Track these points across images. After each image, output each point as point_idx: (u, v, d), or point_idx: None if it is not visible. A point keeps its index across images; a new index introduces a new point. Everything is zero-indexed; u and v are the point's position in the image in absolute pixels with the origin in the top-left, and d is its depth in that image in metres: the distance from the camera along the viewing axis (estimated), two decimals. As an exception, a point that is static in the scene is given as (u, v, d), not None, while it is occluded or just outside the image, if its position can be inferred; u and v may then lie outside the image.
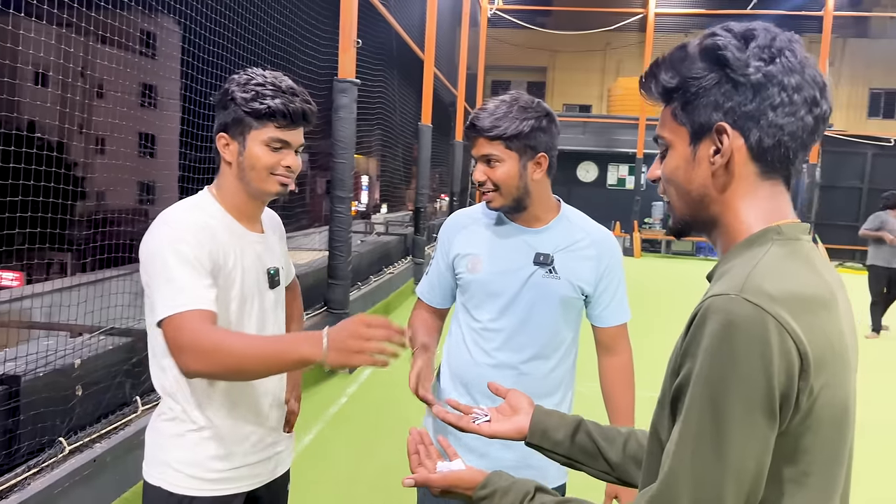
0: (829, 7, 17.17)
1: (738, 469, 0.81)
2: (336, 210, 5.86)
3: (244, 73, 1.60)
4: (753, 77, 0.90)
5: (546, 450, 1.27)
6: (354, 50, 5.84)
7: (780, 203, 0.95)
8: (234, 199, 1.63)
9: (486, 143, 1.74)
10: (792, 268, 0.88)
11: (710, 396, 0.81)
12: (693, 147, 0.96)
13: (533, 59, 25.02)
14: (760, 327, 0.80)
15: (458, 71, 14.77)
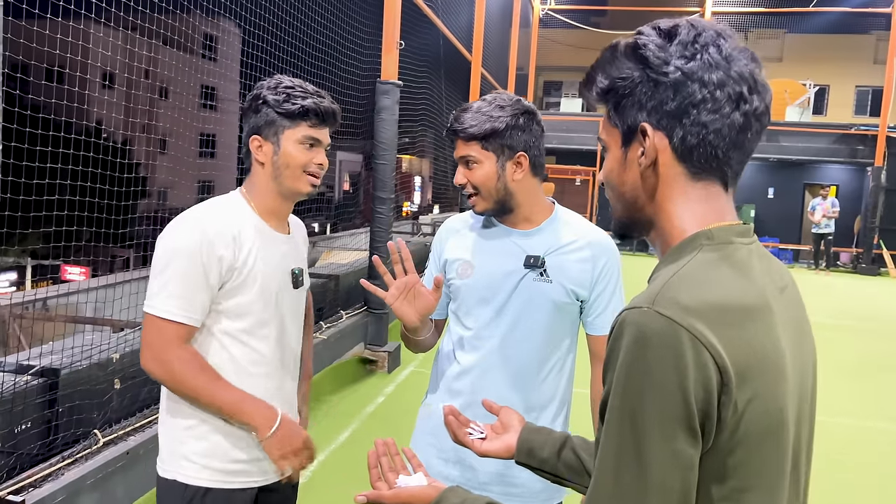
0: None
1: (661, 487, 0.77)
2: (377, 211, 5.91)
3: (272, 79, 1.68)
4: (672, 75, 0.87)
5: (534, 468, 1.26)
6: (397, 52, 5.87)
7: (715, 205, 0.91)
8: (264, 200, 1.70)
9: (463, 144, 1.70)
10: (716, 276, 0.84)
11: (628, 410, 0.78)
12: (624, 149, 0.93)
13: (587, 59, 24.22)
14: (673, 340, 0.76)
15: (507, 72, 14.72)
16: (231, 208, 1.67)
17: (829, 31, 20.12)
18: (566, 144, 17.04)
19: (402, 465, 1.23)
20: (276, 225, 1.72)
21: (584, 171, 17.78)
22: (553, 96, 25.14)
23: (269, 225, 1.70)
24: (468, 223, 1.85)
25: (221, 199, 1.71)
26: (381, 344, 5.96)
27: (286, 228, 1.77)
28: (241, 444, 1.64)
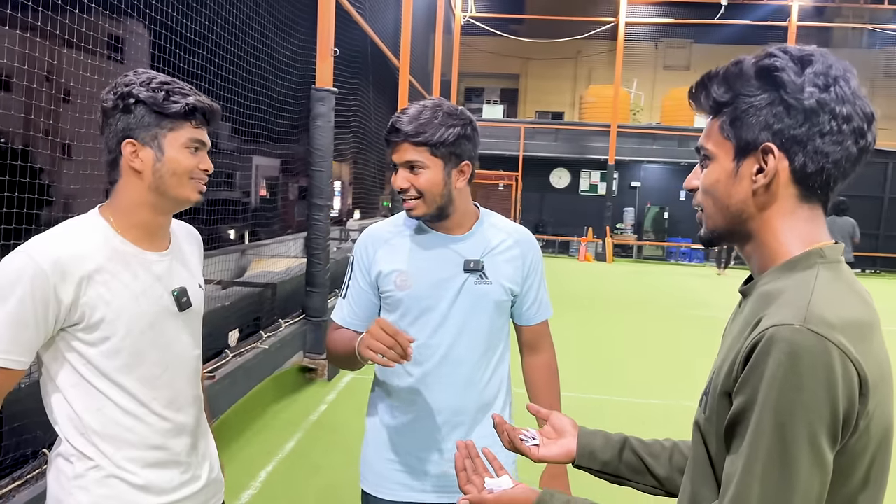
0: (794, 18, 17.63)
1: (805, 491, 0.83)
2: (314, 218, 5.88)
3: (137, 75, 1.45)
4: (807, 102, 0.91)
5: (594, 471, 1.28)
6: (332, 59, 5.86)
7: (817, 226, 0.97)
8: (135, 216, 1.47)
9: (411, 148, 1.67)
10: (842, 294, 0.91)
11: (776, 424, 0.83)
12: (737, 162, 0.97)
13: (506, 66, 25.21)
14: (825, 357, 0.82)
15: (431, 78, 14.85)
16: (84, 233, 1.42)
17: (733, 41, 21.21)
18: (489, 150, 17.33)
19: (484, 468, 1.24)
20: (147, 244, 1.49)
21: (507, 176, 18.12)
22: (475, 102, 25.47)
23: (139, 245, 1.47)
24: (397, 231, 1.83)
25: (73, 221, 1.46)
26: (321, 352, 5.93)
27: (162, 245, 1.53)
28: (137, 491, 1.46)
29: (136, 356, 1.45)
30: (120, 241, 1.45)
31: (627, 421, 5.08)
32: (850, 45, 25.79)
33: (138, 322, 1.44)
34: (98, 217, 1.47)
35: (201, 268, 1.70)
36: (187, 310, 1.54)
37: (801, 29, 18.31)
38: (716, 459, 0.96)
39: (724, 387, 0.92)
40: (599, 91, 20.39)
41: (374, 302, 1.84)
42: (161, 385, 1.49)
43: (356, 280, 1.84)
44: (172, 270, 1.53)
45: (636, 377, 6.49)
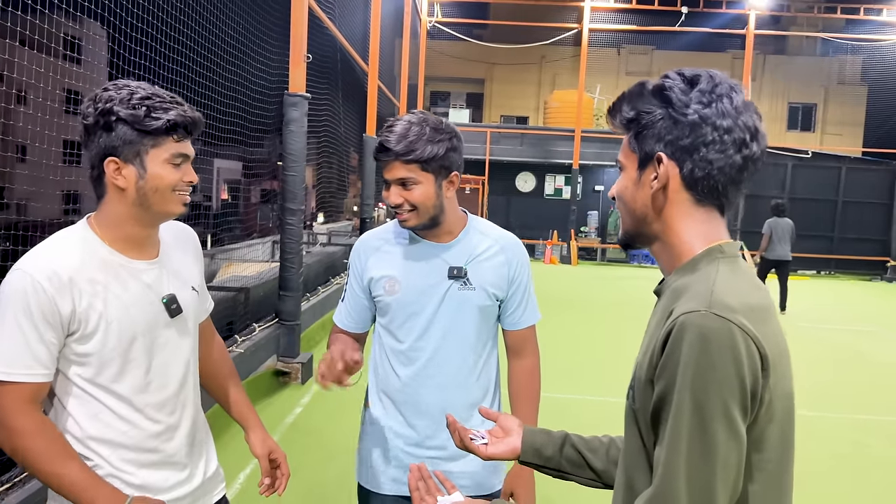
0: (751, 26, 18.11)
1: (724, 462, 0.93)
2: (287, 222, 5.91)
3: (117, 89, 1.44)
4: (691, 117, 1.03)
5: (539, 466, 1.37)
6: (305, 64, 5.91)
7: (715, 226, 1.08)
8: (121, 229, 1.49)
9: (402, 166, 1.73)
10: (740, 283, 1.01)
11: (694, 402, 0.92)
12: (640, 171, 1.10)
13: (471, 71, 25.40)
14: (730, 337, 0.93)
15: (397, 82, 14.92)
16: (72, 246, 1.45)
17: (692, 48, 21.75)
18: (456, 154, 17.40)
19: (437, 488, 1.32)
20: (135, 253, 1.51)
21: (474, 180, 18.26)
22: (440, 106, 25.61)
23: (127, 255, 1.50)
24: (388, 239, 1.90)
25: (62, 234, 1.48)
26: (294, 355, 5.96)
27: (151, 253, 1.55)
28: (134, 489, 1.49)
29: (128, 364, 1.48)
30: (108, 251, 1.48)
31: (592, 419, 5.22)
32: (805, 53, 26.57)
33: (130, 330, 1.47)
34: (87, 229, 1.49)
35: (200, 266, 1.71)
36: (178, 315, 1.57)
37: (758, 37, 18.83)
38: (648, 446, 1.04)
39: (647, 376, 1.01)
40: (563, 96, 20.68)
41: (368, 306, 1.93)
42: (153, 390, 1.53)
43: (352, 285, 1.94)
44: (161, 278, 1.55)
45: (603, 376, 6.65)
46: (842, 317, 11.29)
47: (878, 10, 18.26)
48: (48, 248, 1.44)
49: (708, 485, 0.93)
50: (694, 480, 0.93)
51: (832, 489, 4.32)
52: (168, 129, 1.43)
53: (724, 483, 0.93)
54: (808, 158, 18.05)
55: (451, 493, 1.30)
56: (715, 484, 0.93)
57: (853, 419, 5.72)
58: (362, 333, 1.98)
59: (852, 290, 15.43)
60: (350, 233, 12.83)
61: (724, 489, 0.94)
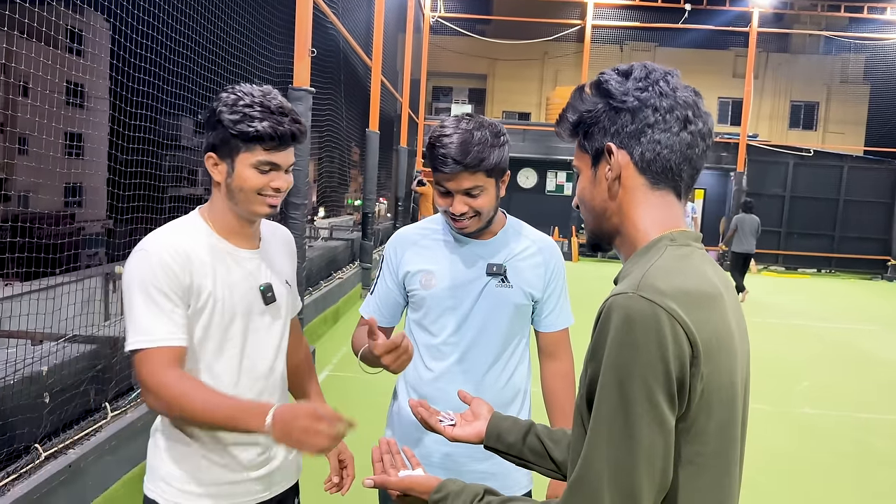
0: (754, 24, 18.08)
1: (648, 449, 0.90)
2: (291, 216, 5.91)
3: (232, 93, 1.56)
4: (631, 103, 1.05)
5: (501, 452, 1.38)
6: (309, 59, 5.90)
7: (671, 212, 1.08)
8: (223, 218, 1.62)
9: (470, 176, 1.70)
10: (682, 268, 1.00)
11: (617, 382, 0.91)
12: (594, 169, 1.11)
13: (474, 66, 25.36)
14: (655, 319, 0.91)
15: (400, 77, 14.90)
16: (187, 230, 1.60)
17: (695, 46, 21.74)
18: (457, 149, 17.40)
19: (403, 464, 1.32)
20: (239, 242, 1.64)
21: (475, 176, 18.24)
22: (442, 102, 25.60)
23: (231, 242, 1.62)
24: (425, 234, 1.90)
25: (178, 221, 1.64)
26: (297, 349, 5.97)
27: (253, 243, 1.68)
28: (220, 466, 1.60)
29: (227, 342, 1.60)
30: (217, 238, 1.62)
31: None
32: (808, 52, 26.55)
33: (231, 310, 1.59)
34: (198, 217, 1.64)
35: (294, 266, 1.82)
36: (272, 304, 1.67)
37: (761, 35, 18.80)
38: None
39: (585, 360, 1.00)
40: (566, 92, 20.57)
41: (400, 301, 1.92)
42: (246, 370, 1.63)
43: (384, 279, 1.93)
44: (260, 268, 1.67)
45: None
46: (843, 315, 11.30)
47: (882, 9, 18.22)
48: (166, 231, 1.58)
49: (629, 470, 0.91)
50: (614, 464, 0.91)
51: (834, 487, 4.33)
52: (255, 137, 1.52)
53: (648, 472, 0.91)
54: (810, 157, 18.04)
55: (415, 468, 1.30)
56: (638, 470, 0.91)
57: (855, 417, 5.73)
58: (389, 329, 1.94)
59: (853, 288, 15.44)
60: (351, 227, 12.83)
61: (649, 478, 0.91)
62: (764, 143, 18.57)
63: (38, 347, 3.55)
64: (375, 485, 1.25)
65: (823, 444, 5.03)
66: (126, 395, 3.65)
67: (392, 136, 15.07)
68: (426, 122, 18.39)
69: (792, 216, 17.91)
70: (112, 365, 3.52)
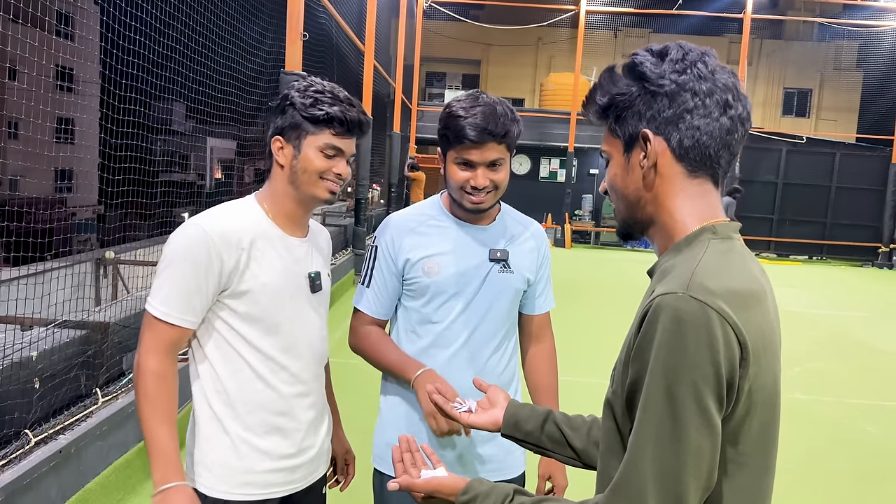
0: (748, 10, 18.01)
1: (695, 452, 0.88)
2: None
3: (304, 80, 1.65)
4: (668, 87, 1.00)
5: (518, 439, 1.37)
6: (301, 42, 5.85)
7: (709, 201, 1.04)
8: (281, 204, 1.65)
9: (496, 147, 1.72)
10: (728, 266, 0.96)
11: (665, 385, 0.89)
12: (626, 155, 1.06)
13: (467, 51, 25.24)
14: (706, 321, 0.88)
15: (393, 62, 14.81)
16: (241, 212, 1.63)
17: (689, 32, 21.63)
18: (451, 135, 17.34)
19: (423, 462, 1.30)
20: (291, 229, 1.67)
21: (469, 162, 18.19)
22: (436, 87, 25.49)
23: (284, 230, 1.66)
24: (421, 220, 1.87)
25: (233, 203, 1.68)
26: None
27: (303, 231, 1.71)
28: (259, 454, 1.62)
29: (274, 326, 1.62)
30: (269, 224, 1.65)
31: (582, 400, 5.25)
32: (802, 38, 26.51)
33: (279, 295, 1.62)
34: (253, 202, 1.67)
35: (329, 261, 1.86)
36: (318, 292, 1.72)
37: (755, 21, 18.74)
38: (623, 429, 1.01)
39: (625, 357, 0.99)
40: (559, 79, 20.59)
41: (398, 288, 1.88)
42: (293, 356, 1.66)
43: (380, 269, 1.87)
44: (309, 256, 1.71)
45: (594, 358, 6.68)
46: (834, 302, 11.36)
47: (876, -4, 18.20)
48: (223, 212, 1.62)
49: (677, 473, 0.89)
50: (662, 467, 0.89)
51: (825, 471, 4.36)
52: (325, 120, 1.58)
53: (695, 474, 0.89)
54: (803, 144, 18.06)
55: (437, 467, 1.28)
56: (685, 473, 0.89)
57: (847, 403, 5.77)
58: (385, 321, 1.92)
59: (844, 275, 15.52)
60: (344, 213, 12.79)
61: (696, 480, 0.89)
62: (757, 130, 18.57)
63: (28, 332, 3.53)
64: (401, 487, 1.24)
65: (814, 430, 5.06)
66: (117, 380, 3.64)
67: (385, 121, 15.01)
68: (419, 108, 18.31)
69: (784, 203, 17.94)
70: (103, 350, 3.50)
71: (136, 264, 5.89)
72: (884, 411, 5.65)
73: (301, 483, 1.71)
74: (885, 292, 13.45)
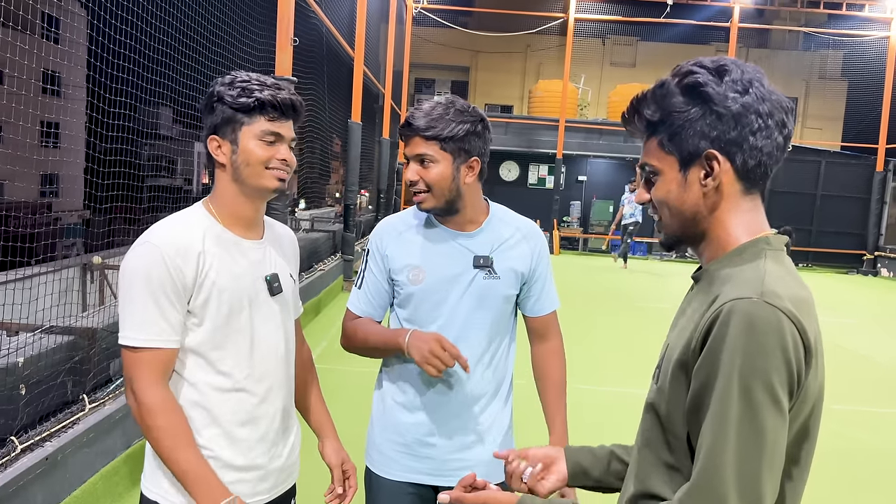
0: (735, 19, 18.19)
1: (772, 450, 0.92)
2: (272, 206, 5.87)
3: (228, 75, 1.58)
4: (734, 108, 1.02)
5: (588, 486, 1.34)
6: (291, 48, 5.85)
7: (759, 214, 1.09)
8: (229, 205, 1.60)
9: (422, 142, 1.74)
10: (788, 274, 1.02)
11: (742, 387, 0.92)
12: (683, 172, 1.07)
13: (456, 58, 25.30)
14: (779, 324, 0.92)
15: (382, 68, 14.82)
16: (190, 222, 1.57)
17: (676, 40, 21.83)
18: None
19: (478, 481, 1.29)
20: (243, 232, 1.61)
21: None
22: (424, 93, 25.53)
23: (235, 233, 1.60)
24: (410, 225, 1.88)
25: (180, 213, 1.61)
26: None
27: (257, 234, 1.65)
28: (222, 465, 1.56)
29: (235, 333, 1.57)
30: (221, 229, 1.59)
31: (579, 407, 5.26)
32: (788, 47, 26.79)
33: (238, 301, 1.57)
34: (201, 209, 1.61)
35: (296, 264, 1.81)
36: (278, 294, 1.65)
37: (741, 30, 18.93)
38: (667, 426, 1.03)
39: (681, 358, 1.00)
40: (548, 86, 20.66)
41: (389, 291, 1.89)
42: (253, 364, 1.60)
43: (371, 271, 1.89)
44: (265, 258, 1.65)
45: (590, 364, 6.70)
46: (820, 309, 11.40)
47: (861, 6, 18.41)
48: (171, 224, 1.55)
49: (757, 474, 0.92)
50: (742, 468, 0.92)
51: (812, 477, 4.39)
52: (257, 106, 1.53)
53: (772, 476, 0.93)
54: (789, 152, 18.01)
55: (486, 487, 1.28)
56: (764, 473, 0.92)
57: (832, 410, 5.81)
58: (378, 322, 1.91)
59: (830, 282, 15.65)
60: (333, 219, 12.77)
61: (773, 483, 0.93)
62: (744, 138, 18.67)
63: (14, 338, 3.50)
64: (451, 500, 1.25)
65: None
66: (104, 386, 3.61)
67: (374, 127, 15.01)
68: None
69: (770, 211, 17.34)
70: (90, 356, 3.48)
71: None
72: (873, 418, 5.70)
73: (267, 495, 1.66)
74: (870, 299, 13.57)
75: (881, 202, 18.01)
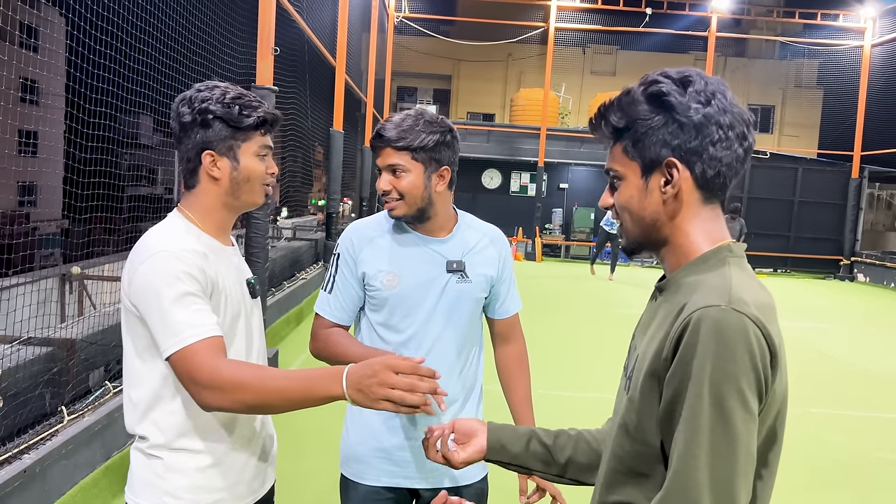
0: (713, 28, 18.44)
1: (745, 453, 0.94)
2: (253, 215, 5.84)
3: (209, 90, 1.57)
4: (695, 118, 1.04)
5: (505, 462, 1.36)
6: (272, 57, 5.84)
7: (720, 224, 1.11)
8: (212, 216, 1.61)
9: (393, 152, 1.78)
10: (751, 282, 1.04)
11: (714, 393, 0.93)
12: (645, 179, 1.09)
13: (438, 67, 25.38)
14: (746, 331, 0.95)
15: (365, 77, 14.85)
16: (183, 231, 1.57)
17: (656, 49, 22.04)
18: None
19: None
20: (223, 239, 1.65)
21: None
22: (407, 102, 25.57)
23: (218, 240, 1.62)
24: (381, 230, 1.91)
25: (166, 224, 1.59)
26: (259, 350, 5.90)
27: (230, 240, 1.69)
28: (226, 475, 1.58)
29: (235, 336, 1.59)
30: (208, 237, 1.60)
31: (551, 413, 5.29)
32: (764, 56, 27.16)
33: (237, 305, 1.60)
34: (182, 218, 1.60)
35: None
36: (255, 299, 1.70)
37: (719, 39, 19.17)
38: (638, 436, 1.05)
39: (652, 367, 1.02)
40: (529, 94, 20.80)
41: (360, 295, 1.90)
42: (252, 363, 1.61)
43: (342, 274, 1.90)
44: (242, 263, 1.71)
45: (563, 371, 6.73)
46: (797, 314, 11.58)
47: (835, 16, 18.73)
48: (169, 232, 1.55)
49: (730, 478, 0.93)
50: (715, 473, 0.93)
51: (787, 479, 4.44)
52: (257, 125, 1.57)
53: (745, 480, 0.94)
54: (766, 159, 18.45)
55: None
56: (737, 477, 0.93)
57: (808, 413, 5.88)
58: (347, 326, 1.93)
59: (807, 288, 15.85)
60: (315, 227, 12.74)
61: (746, 486, 0.94)
62: (722, 146, 18.88)
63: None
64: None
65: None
66: (83, 398, 3.58)
67: (356, 135, 15.01)
68: (390, 123, 18.27)
69: (749, 217, 18.25)
70: (69, 368, 3.45)
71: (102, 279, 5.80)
72: (847, 420, 5.78)
73: (255, 496, 1.67)
74: (847, 304, 13.76)
75: (857, 208, 18.29)
